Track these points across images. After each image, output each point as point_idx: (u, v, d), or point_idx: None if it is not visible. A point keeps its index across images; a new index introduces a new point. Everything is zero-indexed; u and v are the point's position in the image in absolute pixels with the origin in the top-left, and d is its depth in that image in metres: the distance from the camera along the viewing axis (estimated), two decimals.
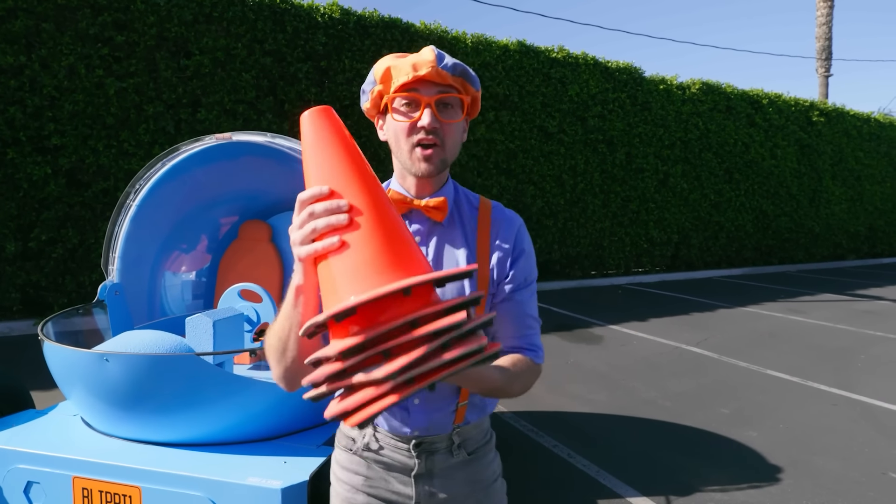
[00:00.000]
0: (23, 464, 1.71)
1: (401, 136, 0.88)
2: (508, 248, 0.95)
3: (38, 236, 5.07)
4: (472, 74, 0.90)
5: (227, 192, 2.81)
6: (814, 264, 12.06)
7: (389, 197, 0.92)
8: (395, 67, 0.86)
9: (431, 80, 0.85)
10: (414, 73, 0.84)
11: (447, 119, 0.88)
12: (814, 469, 2.77)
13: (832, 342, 5.40)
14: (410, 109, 0.87)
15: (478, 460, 1.01)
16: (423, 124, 0.85)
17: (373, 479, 0.99)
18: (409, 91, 0.86)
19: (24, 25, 4.89)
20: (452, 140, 0.90)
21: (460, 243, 0.94)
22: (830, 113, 11.81)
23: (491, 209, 0.97)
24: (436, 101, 0.86)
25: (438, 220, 0.93)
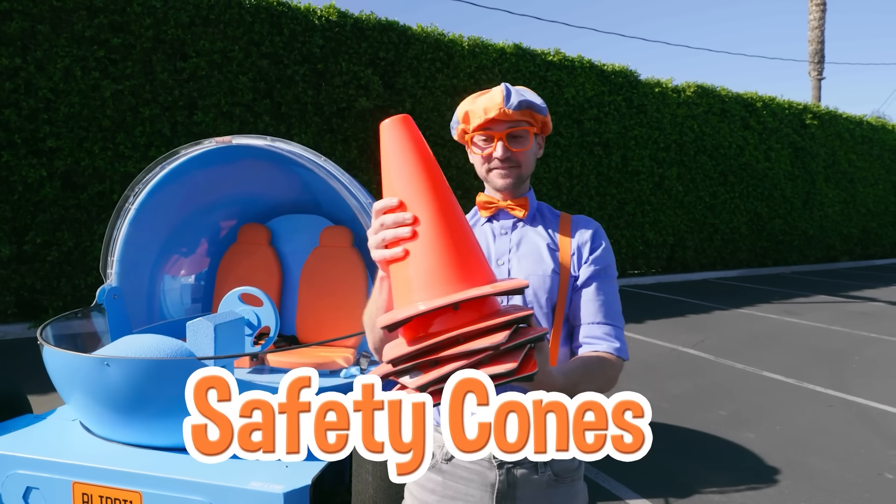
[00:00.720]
0: (22, 469, 1.70)
1: (479, 166, 1.07)
2: (587, 239, 1.07)
3: (33, 239, 5.04)
4: (538, 104, 1.04)
5: (226, 195, 2.80)
6: (807, 266, 12.14)
7: (479, 200, 1.10)
8: (471, 111, 1.03)
9: (500, 119, 1.01)
10: (485, 117, 1.01)
11: (517, 148, 1.03)
12: (810, 470, 2.78)
13: (827, 344, 5.44)
14: (486, 143, 1.04)
15: (565, 486, 0.98)
16: (496, 156, 1.03)
17: (450, 497, 0.96)
18: (483, 130, 1.03)
19: (19, 27, 4.87)
20: (526, 160, 1.06)
21: (542, 236, 1.08)
22: (823, 116, 11.91)
23: (572, 217, 1.13)
24: (506, 135, 1.02)
25: (520, 216, 1.08)
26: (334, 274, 2.70)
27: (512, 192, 1.08)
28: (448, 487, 0.97)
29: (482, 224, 1.11)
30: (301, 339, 2.78)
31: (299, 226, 2.96)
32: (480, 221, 1.11)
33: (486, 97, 1.02)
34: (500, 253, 1.07)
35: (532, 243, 1.06)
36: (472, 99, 1.05)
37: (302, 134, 6.23)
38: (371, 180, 6.69)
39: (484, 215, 1.11)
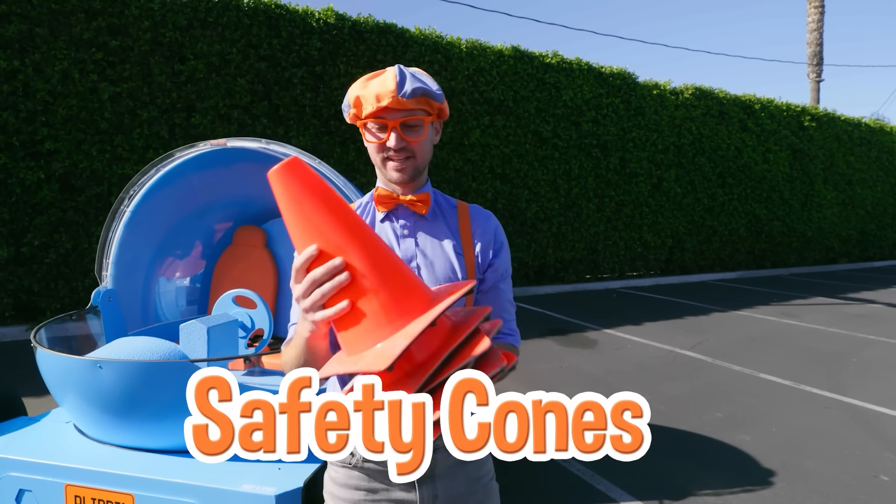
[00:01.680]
0: (15, 471, 1.70)
1: (374, 154, 1.00)
2: (489, 240, 1.05)
3: (31, 241, 5.05)
4: (434, 91, 0.98)
5: (222, 197, 2.81)
6: (806, 268, 12.15)
7: (378, 194, 1.02)
8: (362, 97, 0.96)
9: (394, 108, 0.94)
10: (377, 104, 0.94)
11: (412, 137, 0.98)
12: (806, 472, 2.78)
13: (824, 345, 5.44)
14: (380, 130, 0.98)
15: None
16: (390, 145, 0.97)
17: (375, 490, 0.98)
18: (376, 118, 0.96)
19: (17, 30, 4.88)
20: (421, 150, 1.00)
21: (445, 235, 1.03)
22: (822, 118, 11.93)
23: (468, 207, 1.08)
24: (400, 124, 0.96)
25: (423, 213, 1.03)
26: None
27: (409, 185, 1.02)
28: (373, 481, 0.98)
29: (379, 222, 1.04)
30: None
31: None
32: (377, 217, 1.04)
33: (378, 81, 0.95)
34: (406, 257, 1.01)
35: (438, 247, 1.02)
36: (364, 82, 0.98)
37: (300, 136, 6.24)
38: (369, 182, 6.70)
39: (381, 211, 1.03)
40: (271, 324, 2.24)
